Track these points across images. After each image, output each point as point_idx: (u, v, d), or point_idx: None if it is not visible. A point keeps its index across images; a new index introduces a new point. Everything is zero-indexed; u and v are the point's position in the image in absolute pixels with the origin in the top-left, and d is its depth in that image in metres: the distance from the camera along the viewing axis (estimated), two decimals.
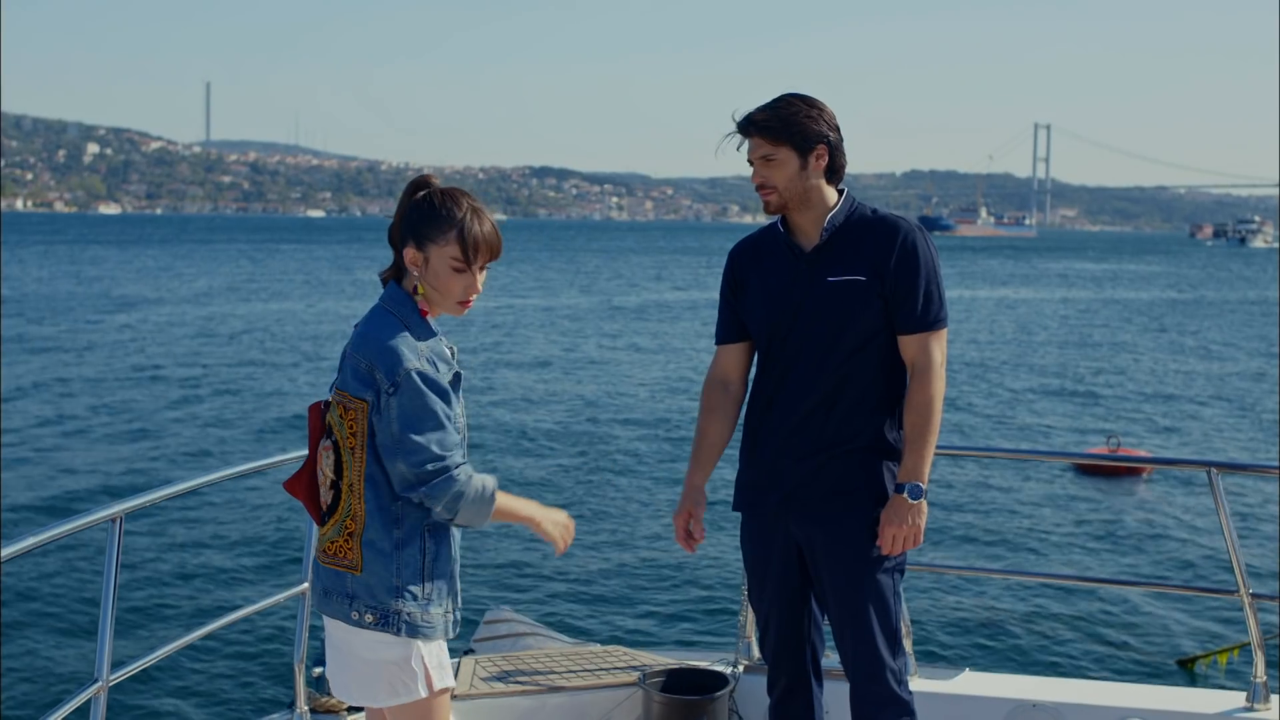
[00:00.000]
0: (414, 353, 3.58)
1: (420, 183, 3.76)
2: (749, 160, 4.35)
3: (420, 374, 3.56)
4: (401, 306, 3.65)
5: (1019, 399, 30.13)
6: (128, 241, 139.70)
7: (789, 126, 4.27)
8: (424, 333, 3.64)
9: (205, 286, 67.27)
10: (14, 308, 50.39)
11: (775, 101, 4.33)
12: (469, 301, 3.71)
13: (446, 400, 3.61)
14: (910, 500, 4.22)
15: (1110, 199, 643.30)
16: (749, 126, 4.31)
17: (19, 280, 68.41)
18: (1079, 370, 36.34)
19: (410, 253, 3.64)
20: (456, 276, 3.64)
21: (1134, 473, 20.12)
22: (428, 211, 3.64)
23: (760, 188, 4.33)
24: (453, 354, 3.73)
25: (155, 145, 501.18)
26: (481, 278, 3.69)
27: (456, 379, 3.69)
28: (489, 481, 3.69)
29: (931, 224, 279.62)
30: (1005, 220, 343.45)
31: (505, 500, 3.75)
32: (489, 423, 24.48)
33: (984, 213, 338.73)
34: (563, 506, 4.39)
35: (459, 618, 3.77)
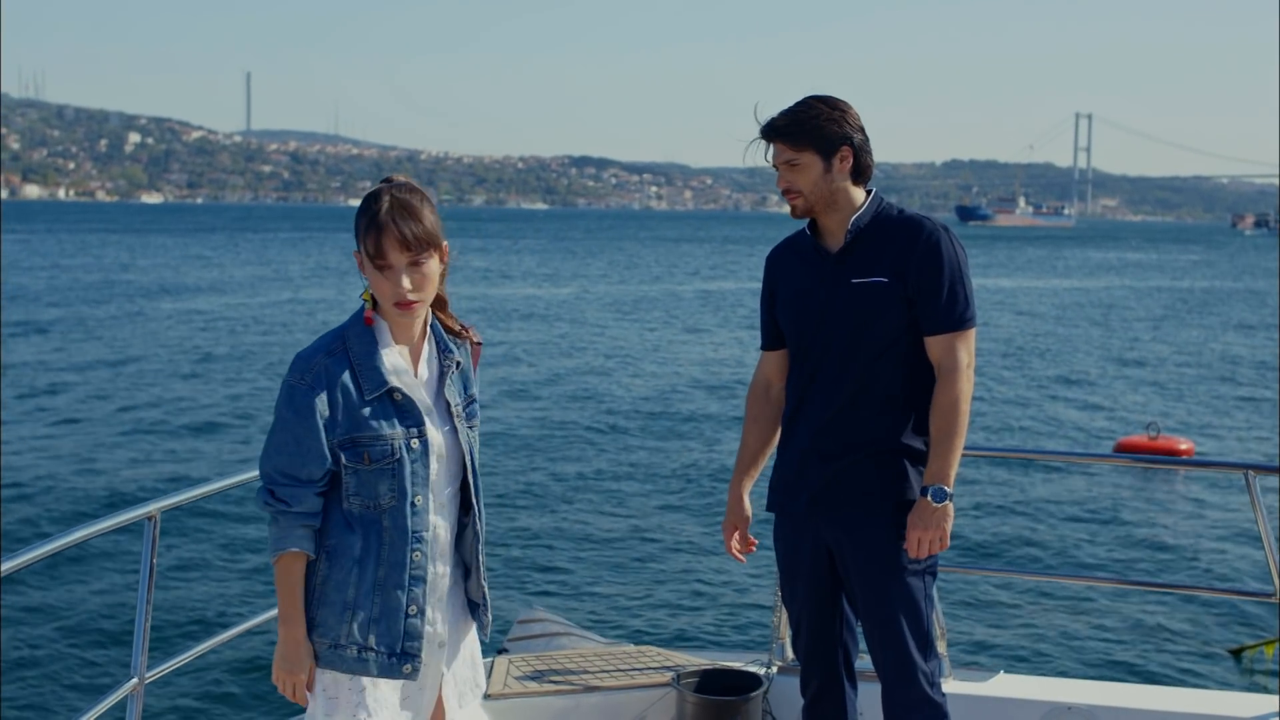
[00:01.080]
0: (302, 366, 3.52)
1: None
2: (773, 165, 4.34)
3: (289, 388, 3.51)
4: (355, 316, 3.60)
5: (1054, 389, 29.99)
6: (182, 230, 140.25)
7: (811, 130, 4.26)
8: (361, 344, 3.55)
9: (253, 274, 67.51)
10: (59, 296, 50.70)
11: (797, 105, 4.31)
12: (407, 304, 3.51)
13: (303, 420, 3.48)
14: (935, 503, 4.19)
15: (1152, 189, 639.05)
16: (771, 132, 4.31)
17: (67, 269, 68.78)
18: (1115, 359, 36.18)
19: (356, 257, 3.58)
20: (380, 275, 3.49)
21: (1170, 466, 19.94)
22: (358, 211, 3.56)
23: (786, 192, 4.33)
24: (441, 364, 3.66)
25: (196, 135, 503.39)
26: (419, 278, 3.50)
27: (386, 397, 3.54)
28: (283, 543, 3.52)
29: (969, 213, 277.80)
30: (1044, 210, 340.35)
31: (284, 576, 3.55)
32: (529, 417, 24.50)
33: (1022, 202, 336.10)
34: (594, 503, 4.38)
35: (399, 657, 3.57)
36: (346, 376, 3.51)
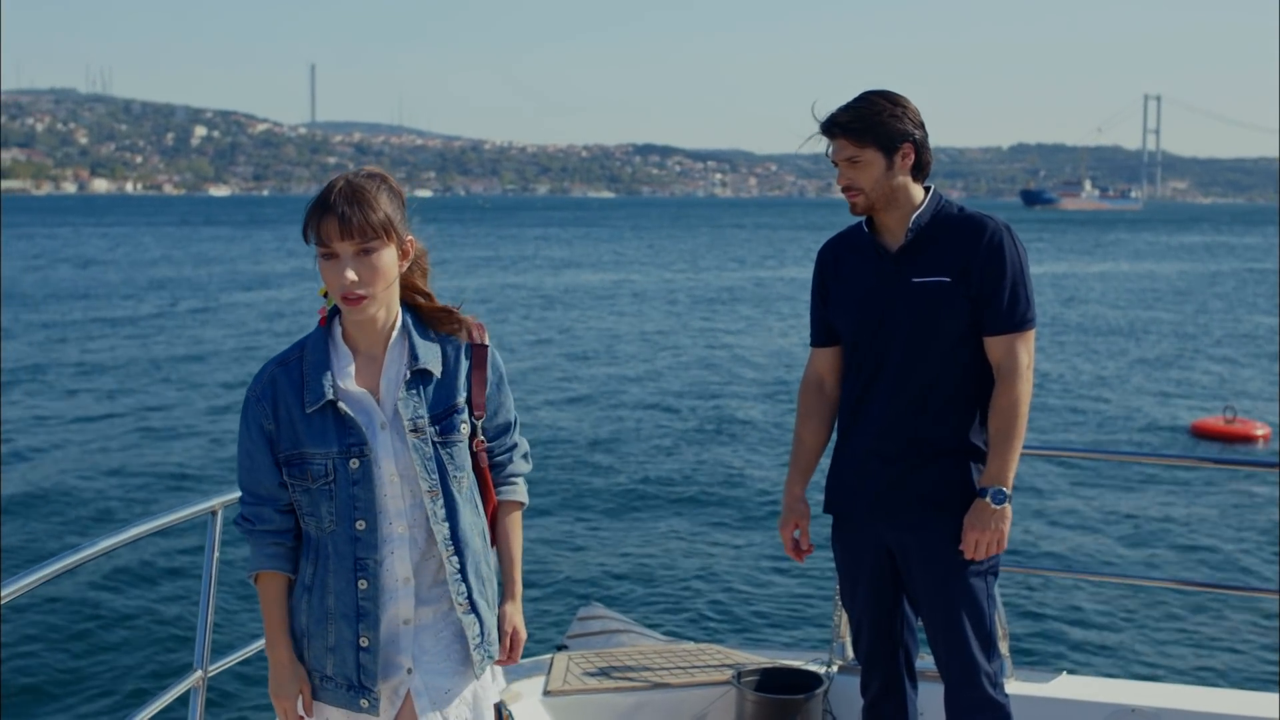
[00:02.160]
0: (256, 377, 3.39)
1: None
2: (833, 162, 4.28)
3: (244, 400, 3.39)
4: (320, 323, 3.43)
5: (1127, 373, 29.74)
6: (265, 222, 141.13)
7: (874, 127, 4.19)
8: (315, 352, 3.37)
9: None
10: (130, 289, 51.18)
11: (858, 101, 4.25)
12: (354, 298, 3.24)
13: (250, 434, 3.34)
14: (993, 505, 4.14)
15: (1222, 170, 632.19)
16: (834, 128, 4.24)
17: (144, 264, 69.43)
18: (1188, 342, 35.82)
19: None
20: (326, 266, 3.24)
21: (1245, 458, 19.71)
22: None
23: (846, 190, 4.27)
24: (409, 372, 3.35)
25: (261, 127, 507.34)
26: (368, 270, 3.23)
27: (328, 410, 3.31)
28: (254, 562, 3.41)
29: (1033, 198, 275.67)
30: (1110, 193, 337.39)
31: (261, 597, 3.45)
32: (594, 410, 24.51)
33: (1088, 185, 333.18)
34: (653, 498, 4.34)
35: (356, 690, 3.37)
36: (293, 388, 3.33)
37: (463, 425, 3.40)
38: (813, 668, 5.39)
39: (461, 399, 3.41)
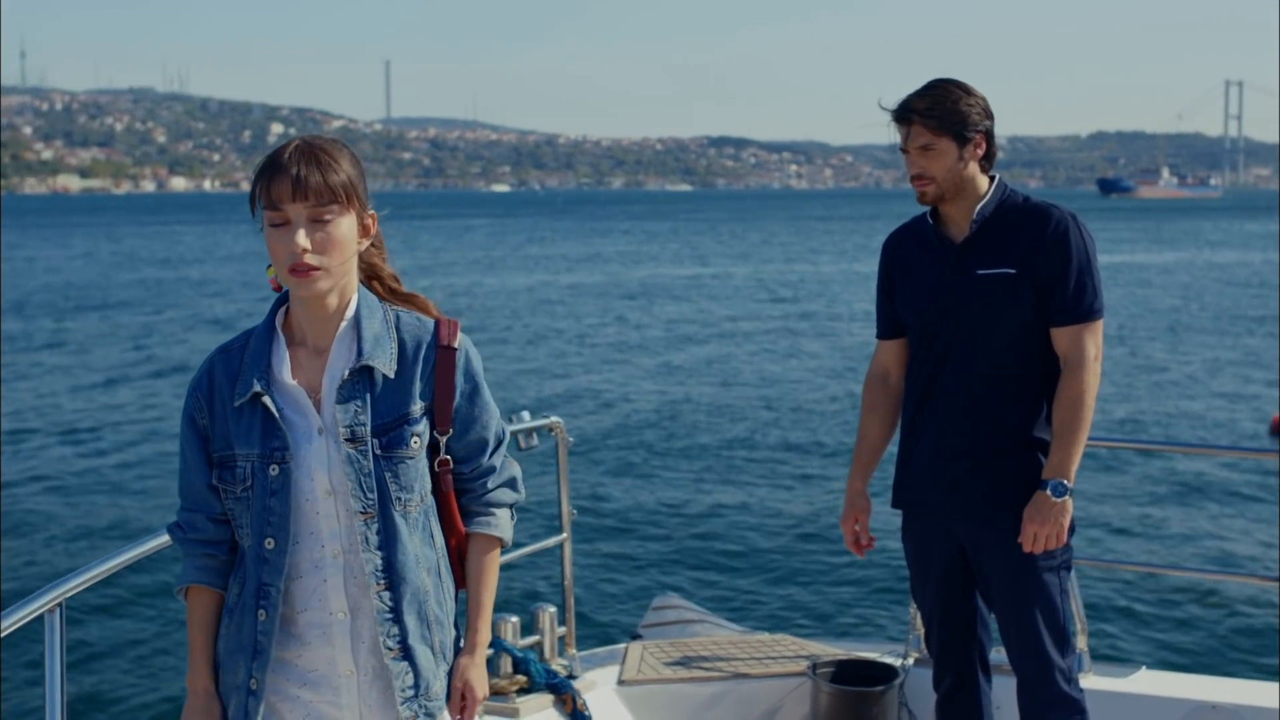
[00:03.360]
0: (201, 366, 3.02)
1: None
2: (903, 149, 4.24)
3: (187, 390, 3.04)
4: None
5: (1204, 366, 29.39)
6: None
7: (950, 115, 4.16)
8: (261, 338, 2.99)
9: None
10: (211, 287, 51.69)
11: (932, 88, 4.21)
12: (303, 269, 2.82)
13: (184, 429, 2.99)
14: (1053, 498, 4.10)
15: None
16: (909, 114, 4.20)
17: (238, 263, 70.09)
18: (1264, 334, 35.32)
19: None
20: (274, 234, 2.83)
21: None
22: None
23: (917, 178, 4.22)
24: (355, 368, 2.91)
25: (337, 124, 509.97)
26: (322, 237, 2.83)
27: (256, 406, 2.92)
28: (182, 575, 3.01)
29: (1110, 186, 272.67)
30: (1188, 181, 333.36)
31: (187, 615, 3.03)
32: (674, 400, 24.52)
33: (1166, 173, 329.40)
34: (727, 488, 4.31)
35: None
36: (229, 378, 2.95)
37: (414, 439, 2.93)
38: (889, 660, 5.37)
39: (417, 408, 2.94)
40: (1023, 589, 4.23)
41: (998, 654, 4.60)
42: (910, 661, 5.41)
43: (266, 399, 2.88)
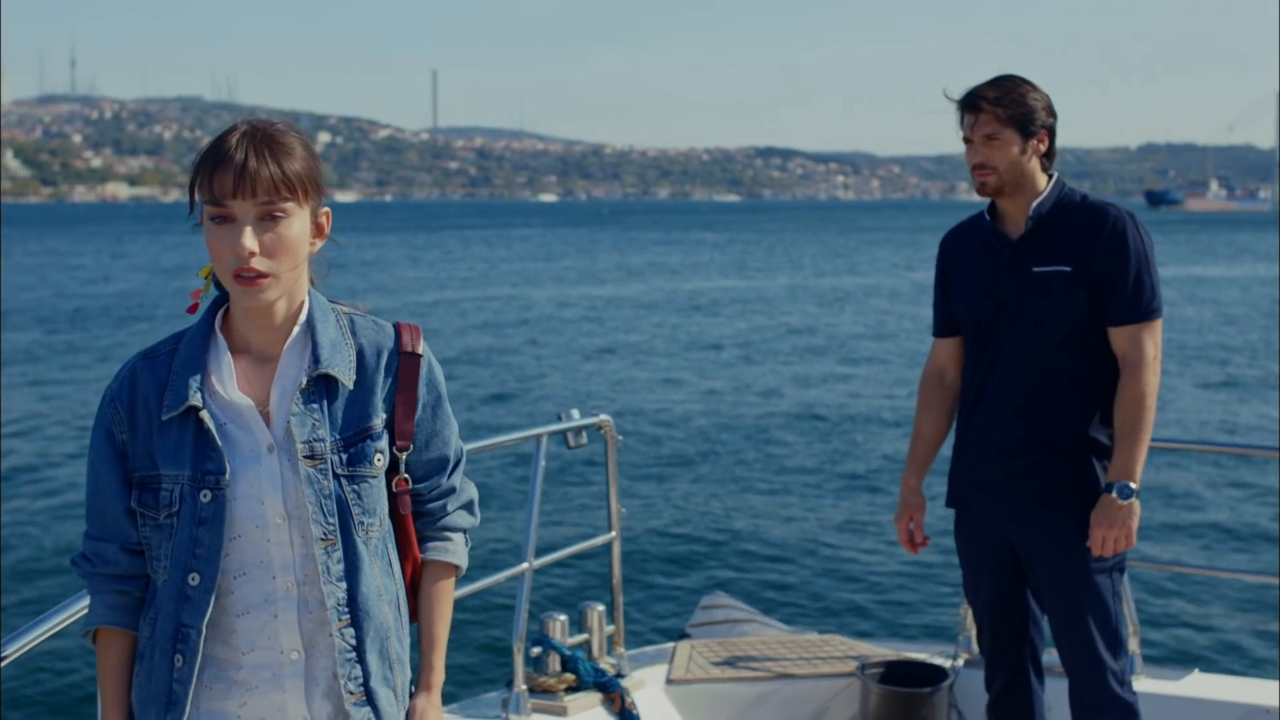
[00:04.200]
0: (119, 374, 2.65)
1: None
2: (967, 138, 4.24)
3: (100, 400, 2.66)
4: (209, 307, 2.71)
5: (1252, 373, 29.16)
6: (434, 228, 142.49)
7: (1017, 107, 4.17)
8: (193, 345, 2.61)
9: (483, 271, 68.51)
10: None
11: (1002, 80, 4.22)
12: (250, 276, 2.48)
13: (97, 444, 2.62)
14: (1120, 500, 4.08)
15: None
16: (978, 102, 4.20)
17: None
18: None
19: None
20: (216, 231, 2.48)
21: None
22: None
23: (978, 167, 4.22)
24: (308, 379, 2.58)
25: (384, 133, 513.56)
26: (272, 239, 2.49)
27: (188, 420, 2.56)
28: (90, 616, 2.65)
29: (1158, 198, 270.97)
30: (1238, 193, 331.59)
31: (103, 664, 2.65)
32: (717, 401, 24.51)
33: (1215, 185, 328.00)
34: (775, 488, 4.29)
35: None
36: (156, 388, 2.58)
37: (378, 456, 2.62)
38: (938, 661, 5.36)
39: (379, 421, 2.63)
40: (1074, 590, 4.21)
41: (1051, 656, 4.57)
42: (960, 663, 5.39)
43: (204, 413, 2.52)
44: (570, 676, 5.02)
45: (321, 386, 2.58)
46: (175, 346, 2.61)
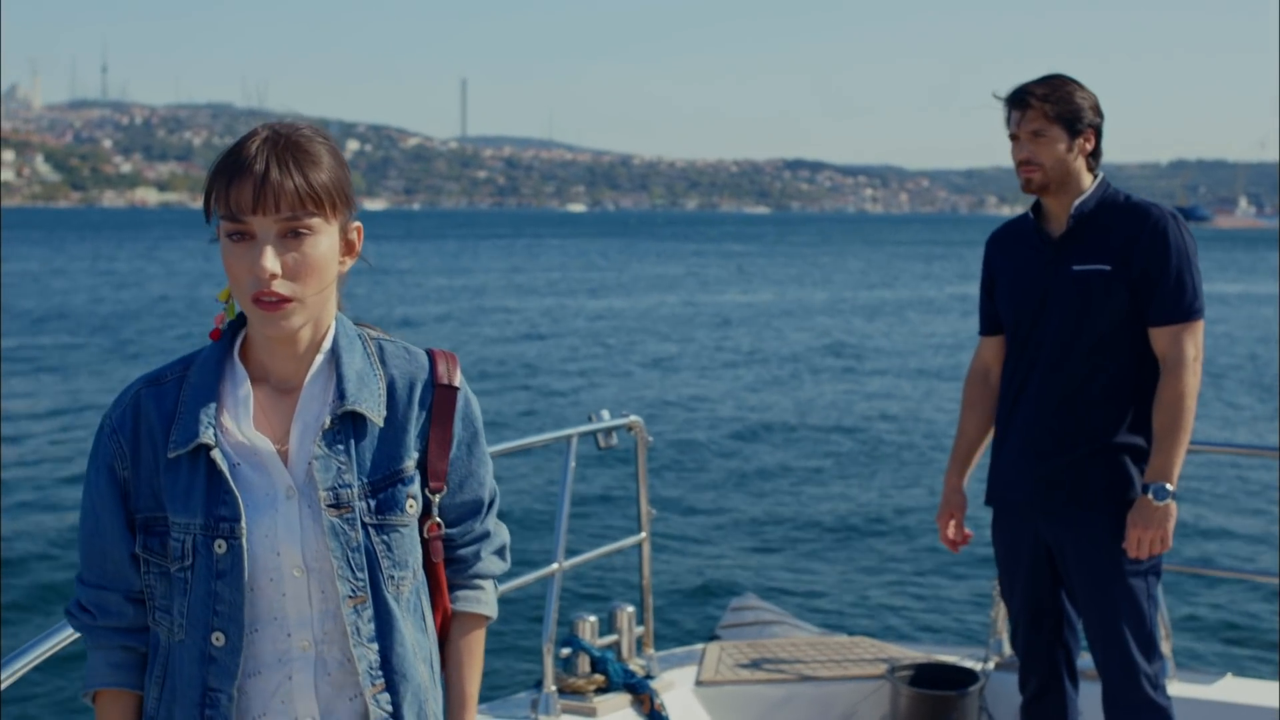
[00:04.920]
0: (119, 401, 2.38)
1: None
2: (1014, 134, 4.25)
3: (96, 432, 2.39)
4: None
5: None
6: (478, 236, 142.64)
7: (1066, 105, 4.19)
8: (204, 372, 2.34)
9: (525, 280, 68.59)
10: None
11: (1050, 79, 4.25)
12: (272, 300, 2.22)
13: (97, 481, 2.34)
14: (1156, 502, 4.07)
15: None
16: (1026, 98, 4.21)
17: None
18: None
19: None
20: (234, 250, 2.22)
21: None
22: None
23: (1024, 164, 4.23)
24: (332, 418, 2.32)
25: (413, 141, 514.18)
26: (297, 259, 2.23)
27: (199, 460, 2.28)
28: (91, 676, 2.37)
29: (1186, 215, 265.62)
30: (1266, 210, 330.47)
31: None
32: (748, 404, 24.52)
33: (1243, 203, 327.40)
34: (807, 490, 4.28)
35: None
36: (163, 419, 2.31)
37: (410, 502, 2.36)
38: (969, 664, 5.34)
39: (411, 463, 2.36)
40: (1108, 593, 4.19)
41: (1085, 659, 4.56)
42: (991, 666, 5.37)
43: (215, 453, 2.26)
44: (600, 677, 5.01)
45: (348, 425, 2.32)
46: (184, 372, 2.34)
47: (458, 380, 2.41)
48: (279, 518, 2.26)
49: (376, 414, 2.32)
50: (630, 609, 5.31)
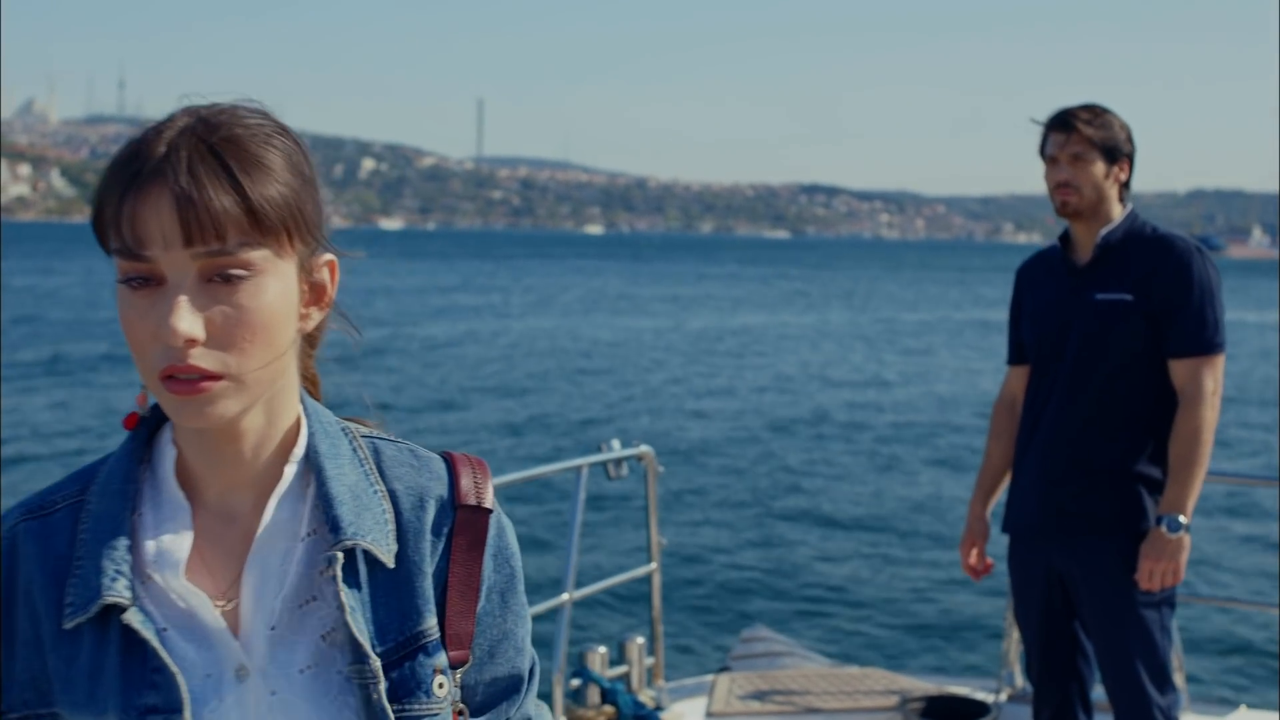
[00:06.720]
0: (24, 505, 1.55)
1: None
2: (1052, 157, 4.25)
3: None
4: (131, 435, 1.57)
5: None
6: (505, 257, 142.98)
7: (1108, 131, 4.21)
8: (106, 495, 1.51)
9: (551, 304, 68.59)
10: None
11: (1092, 106, 4.27)
12: (187, 375, 1.39)
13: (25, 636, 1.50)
14: (1169, 534, 4.04)
15: None
16: (1072, 121, 4.22)
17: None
18: None
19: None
20: (133, 302, 1.41)
21: None
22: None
23: (1062, 186, 4.23)
24: (311, 558, 1.50)
25: (429, 161, 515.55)
26: (227, 312, 1.40)
27: (107, 628, 1.45)
28: None
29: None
30: None
31: None
32: (762, 433, 24.49)
33: (1258, 233, 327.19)
34: (818, 520, 4.26)
35: None
36: (47, 570, 1.49)
37: (438, 681, 1.53)
38: (981, 696, 5.33)
39: (433, 621, 1.54)
40: (1122, 624, 4.17)
41: (1099, 691, 4.53)
42: (1003, 698, 5.36)
43: (131, 615, 1.45)
44: (610, 709, 5.01)
45: (351, 570, 1.51)
46: (81, 494, 1.53)
47: (489, 500, 1.60)
48: (226, 707, 1.46)
49: (385, 551, 1.52)
50: (640, 640, 5.31)
